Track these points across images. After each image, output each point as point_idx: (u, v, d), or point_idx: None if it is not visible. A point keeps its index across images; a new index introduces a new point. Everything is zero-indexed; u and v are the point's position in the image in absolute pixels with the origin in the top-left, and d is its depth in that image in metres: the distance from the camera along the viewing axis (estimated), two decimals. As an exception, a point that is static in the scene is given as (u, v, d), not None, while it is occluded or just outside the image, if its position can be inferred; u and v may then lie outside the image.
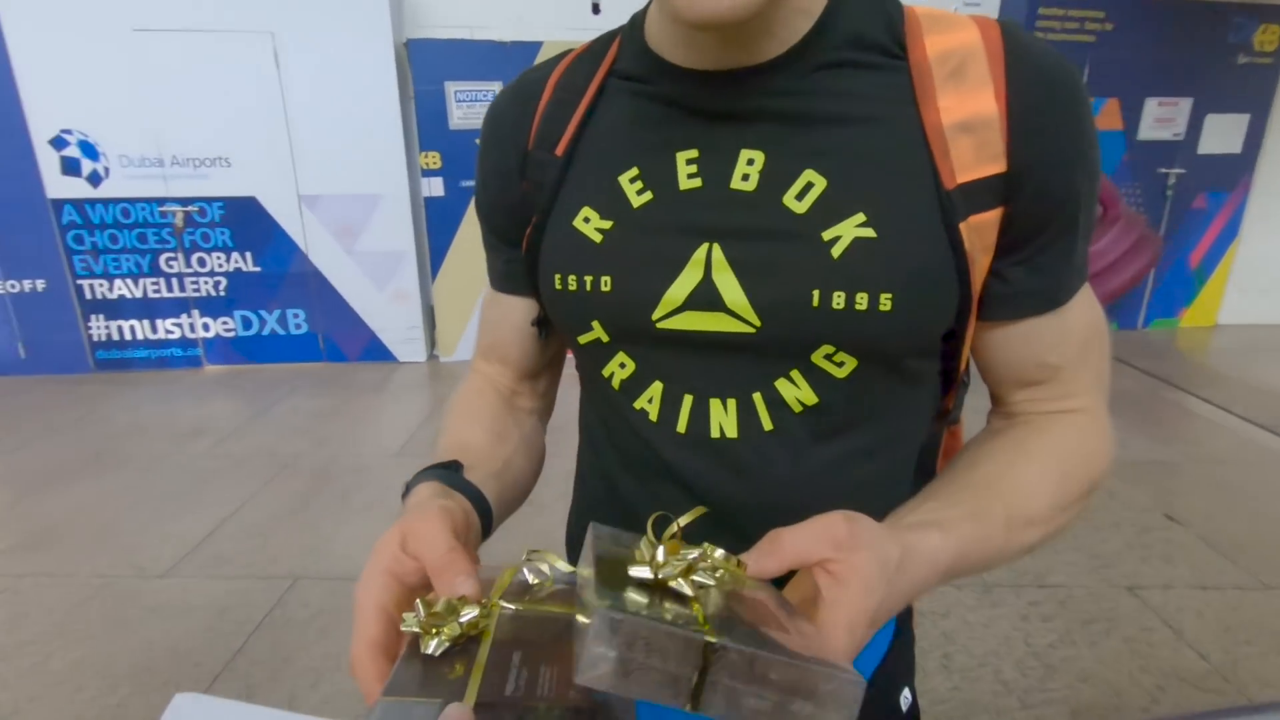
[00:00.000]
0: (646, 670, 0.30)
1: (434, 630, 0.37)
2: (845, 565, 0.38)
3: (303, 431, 3.51)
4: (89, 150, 4.02)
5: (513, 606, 0.41)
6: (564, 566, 0.45)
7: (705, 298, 0.50)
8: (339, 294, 4.42)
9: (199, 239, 4.25)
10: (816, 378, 0.51)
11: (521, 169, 0.59)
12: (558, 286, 0.55)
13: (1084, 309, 0.53)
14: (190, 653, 1.96)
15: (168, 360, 4.44)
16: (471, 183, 4.32)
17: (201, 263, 4.29)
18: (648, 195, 0.52)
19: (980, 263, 0.49)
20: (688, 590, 0.35)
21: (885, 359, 0.51)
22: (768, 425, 0.52)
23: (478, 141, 0.65)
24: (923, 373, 0.55)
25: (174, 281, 4.31)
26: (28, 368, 4.30)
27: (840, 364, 0.50)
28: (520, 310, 0.64)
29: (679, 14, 0.43)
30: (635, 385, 0.56)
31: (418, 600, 0.39)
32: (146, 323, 4.38)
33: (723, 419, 0.53)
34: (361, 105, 4.11)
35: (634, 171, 0.53)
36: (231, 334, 4.43)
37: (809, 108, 0.49)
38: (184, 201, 4.16)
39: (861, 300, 0.47)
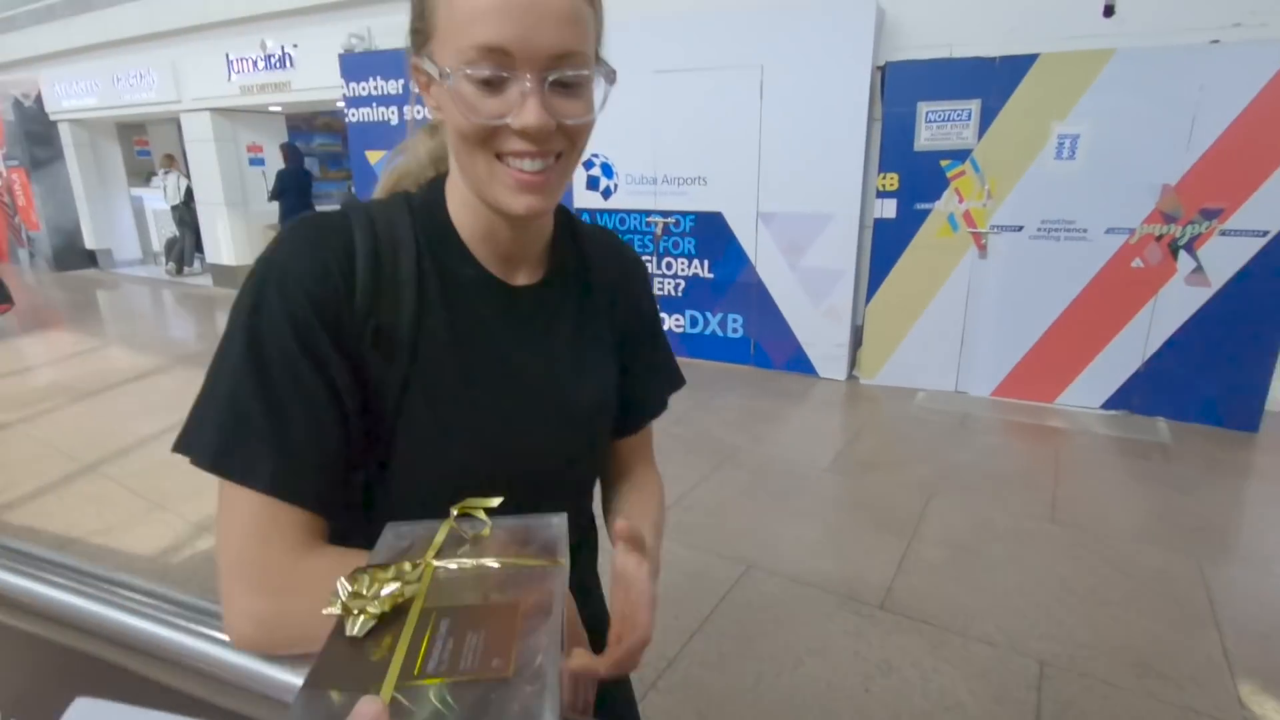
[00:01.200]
0: None
1: (356, 611, 0.36)
2: None
3: (739, 427, 3.82)
4: (607, 170, 5.01)
5: (452, 565, 0.41)
6: (489, 512, 0.46)
7: None
8: (775, 305, 4.72)
9: (670, 246, 4.96)
10: None
11: None
12: None
13: None
14: (672, 605, 2.27)
15: (629, 345, 5.30)
16: (927, 205, 4.19)
17: (669, 266, 5.01)
18: None
19: None
20: None
21: None
22: None
23: None
24: None
25: (645, 280, 5.12)
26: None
27: None
28: None
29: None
30: None
31: (339, 579, 0.38)
32: (619, 312, 5.29)
33: None
34: (830, 128, 4.28)
35: None
36: (680, 329, 5.08)
37: None
38: (665, 214, 4.91)
39: None
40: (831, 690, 1.90)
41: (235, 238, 8.23)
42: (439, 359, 0.59)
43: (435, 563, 0.41)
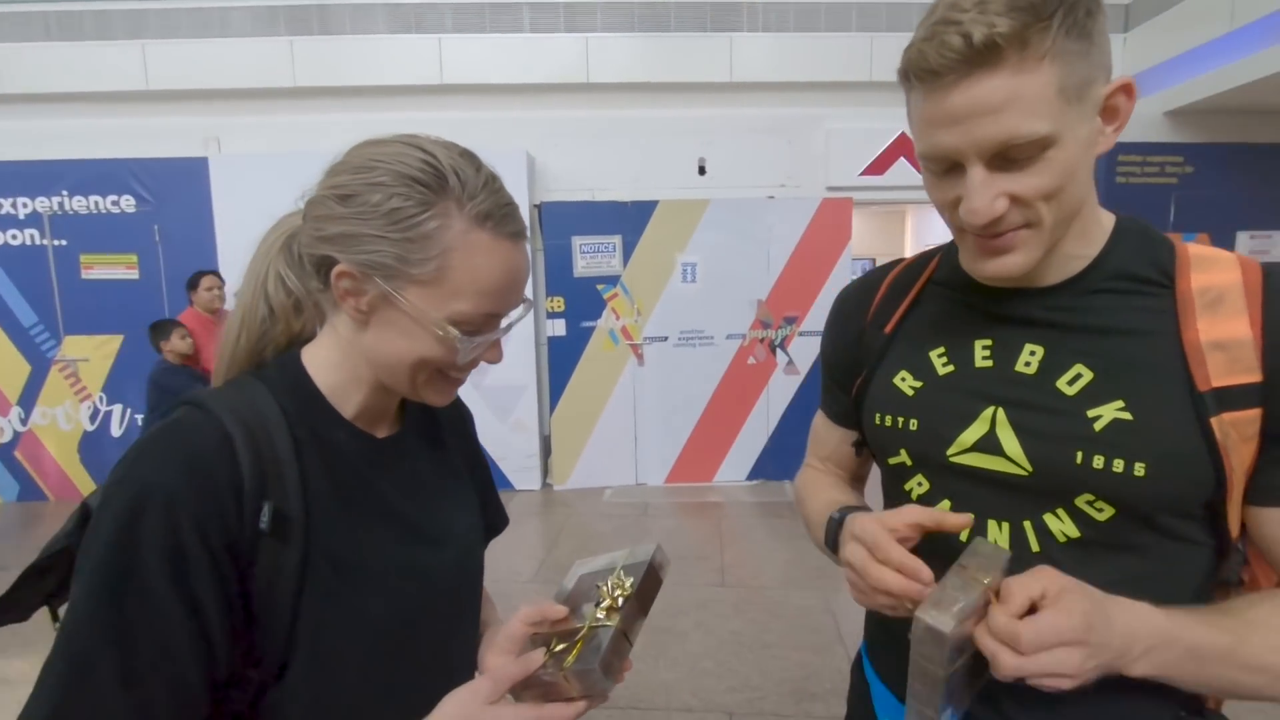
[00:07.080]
0: None
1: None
2: (1055, 598, 0.55)
3: (440, 555, 3.71)
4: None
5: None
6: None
7: (989, 445, 0.67)
8: (465, 424, 4.77)
9: (348, 375, 4.73)
10: (1079, 517, 0.64)
11: (859, 338, 0.82)
12: (877, 422, 0.76)
13: None
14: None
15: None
16: (591, 323, 4.73)
17: (347, 396, 4.75)
18: (950, 367, 0.72)
19: (1240, 451, 0.60)
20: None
21: (1140, 512, 0.63)
22: (1035, 548, 0.66)
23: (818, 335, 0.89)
24: (1186, 532, 0.64)
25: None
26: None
27: (1100, 510, 0.63)
28: (847, 436, 0.89)
29: (972, 274, 0.67)
30: (928, 500, 0.73)
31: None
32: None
33: (997, 536, 0.67)
34: (497, 258, 4.64)
35: (941, 350, 0.73)
36: (367, 461, 4.79)
37: (1082, 320, 0.66)
38: (339, 343, 4.70)
39: (1118, 465, 0.61)
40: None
41: None
42: (332, 522, 0.62)
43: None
